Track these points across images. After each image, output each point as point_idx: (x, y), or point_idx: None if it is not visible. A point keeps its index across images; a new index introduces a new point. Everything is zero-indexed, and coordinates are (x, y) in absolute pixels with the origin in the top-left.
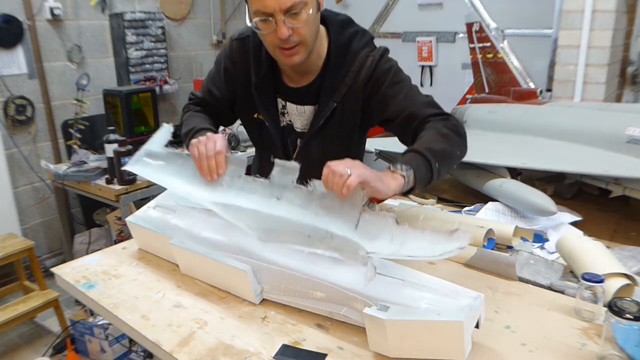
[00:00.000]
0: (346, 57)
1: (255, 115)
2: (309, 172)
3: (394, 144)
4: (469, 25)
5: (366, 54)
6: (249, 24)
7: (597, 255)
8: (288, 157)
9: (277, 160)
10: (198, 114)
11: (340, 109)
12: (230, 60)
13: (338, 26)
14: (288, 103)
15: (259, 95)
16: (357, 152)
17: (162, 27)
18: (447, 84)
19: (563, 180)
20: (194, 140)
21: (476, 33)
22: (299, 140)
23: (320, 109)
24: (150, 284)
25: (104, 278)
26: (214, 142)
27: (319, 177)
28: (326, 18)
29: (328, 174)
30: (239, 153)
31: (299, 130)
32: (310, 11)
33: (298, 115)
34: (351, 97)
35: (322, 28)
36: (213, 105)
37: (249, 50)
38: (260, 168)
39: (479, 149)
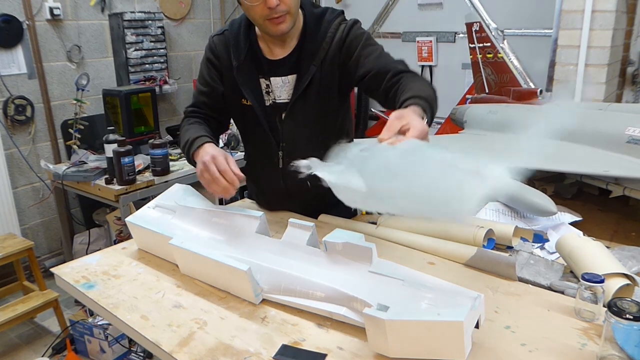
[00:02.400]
0: (321, 25)
1: (243, 101)
2: (296, 136)
3: None
4: (469, 25)
5: (339, 22)
6: None
7: (597, 255)
8: (275, 134)
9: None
10: (192, 125)
11: (319, 73)
12: (213, 54)
13: (310, 4)
14: (272, 78)
15: (242, 77)
16: (337, 117)
17: (162, 27)
18: (447, 84)
19: (563, 180)
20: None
21: (476, 33)
22: (286, 111)
23: (302, 74)
24: (150, 284)
25: (104, 278)
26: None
27: (305, 141)
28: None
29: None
30: (238, 153)
31: (285, 101)
32: None
33: (283, 86)
34: (329, 61)
35: None
36: (208, 105)
37: (229, 41)
38: (251, 169)
39: (479, 149)
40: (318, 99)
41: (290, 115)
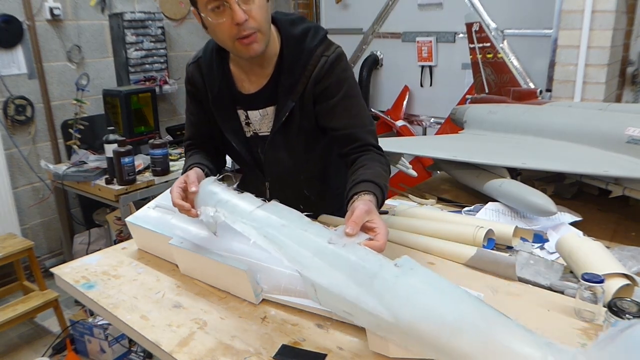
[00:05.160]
0: (301, 54)
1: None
2: (280, 167)
3: (393, 144)
4: (469, 25)
5: (321, 53)
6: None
7: (597, 255)
8: (258, 165)
9: None
10: (188, 159)
11: (298, 108)
12: (190, 84)
13: (288, 23)
14: (249, 112)
15: (218, 110)
16: (322, 143)
17: (162, 27)
18: (447, 84)
19: (563, 180)
20: None
21: (476, 33)
22: (266, 144)
23: (279, 109)
24: (150, 284)
25: (104, 278)
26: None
27: (290, 171)
28: (274, 18)
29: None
30: None
31: (265, 133)
32: None
33: (262, 119)
34: (307, 96)
35: (272, 27)
36: (200, 134)
37: (202, 70)
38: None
39: (479, 149)
40: (298, 131)
41: (271, 148)
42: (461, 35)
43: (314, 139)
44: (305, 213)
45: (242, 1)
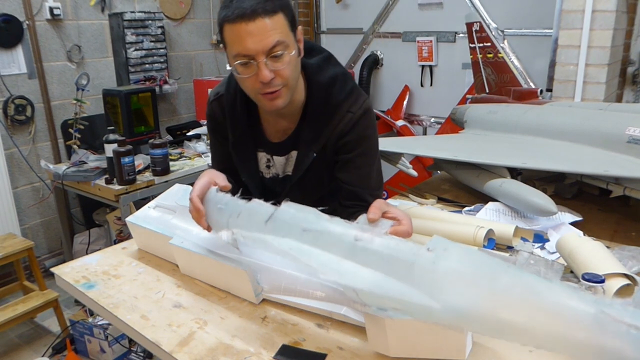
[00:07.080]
0: (327, 106)
1: None
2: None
3: (393, 144)
4: (469, 25)
5: (347, 109)
6: (228, 68)
7: (597, 255)
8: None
9: None
10: None
11: (319, 157)
12: (214, 121)
13: (315, 68)
14: (275, 157)
15: (237, 153)
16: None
17: (162, 27)
18: (447, 84)
19: (563, 180)
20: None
21: (476, 33)
22: (287, 188)
23: (300, 159)
24: (150, 284)
25: (104, 278)
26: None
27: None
28: (302, 63)
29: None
30: None
31: (287, 174)
32: (293, 52)
33: (286, 163)
34: (329, 147)
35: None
36: (226, 168)
37: (224, 108)
38: None
39: (479, 149)
40: (317, 180)
41: (290, 191)
42: (461, 35)
43: (329, 181)
44: (320, 208)
45: (272, 60)
